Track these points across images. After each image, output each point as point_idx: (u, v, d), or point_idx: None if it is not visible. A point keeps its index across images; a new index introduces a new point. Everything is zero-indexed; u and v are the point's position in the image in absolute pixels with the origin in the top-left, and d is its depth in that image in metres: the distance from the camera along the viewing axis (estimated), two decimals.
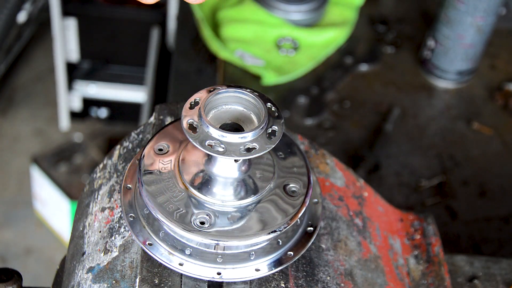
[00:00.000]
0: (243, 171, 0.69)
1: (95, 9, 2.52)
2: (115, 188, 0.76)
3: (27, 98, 2.98)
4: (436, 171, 1.28)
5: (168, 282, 0.67)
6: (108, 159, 0.81)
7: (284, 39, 1.50)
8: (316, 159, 0.83)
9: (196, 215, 0.67)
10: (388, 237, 0.83)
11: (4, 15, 2.49)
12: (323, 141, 1.32)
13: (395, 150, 1.31)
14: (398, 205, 0.98)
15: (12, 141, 2.83)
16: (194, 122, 0.66)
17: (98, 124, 2.86)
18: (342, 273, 0.73)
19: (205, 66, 1.42)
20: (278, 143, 0.66)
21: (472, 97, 1.45)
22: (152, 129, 0.81)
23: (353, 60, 1.51)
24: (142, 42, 2.48)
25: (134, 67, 2.65)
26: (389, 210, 0.88)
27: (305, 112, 1.37)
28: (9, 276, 0.78)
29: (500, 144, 1.35)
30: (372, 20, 1.61)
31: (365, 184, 0.86)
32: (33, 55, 3.11)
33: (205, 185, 0.69)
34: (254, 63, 1.44)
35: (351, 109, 1.40)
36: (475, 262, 0.88)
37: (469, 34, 1.37)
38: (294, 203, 0.70)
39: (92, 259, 0.71)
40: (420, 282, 0.81)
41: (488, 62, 1.53)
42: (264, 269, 0.69)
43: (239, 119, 0.69)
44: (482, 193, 1.25)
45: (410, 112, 1.40)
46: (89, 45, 2.61)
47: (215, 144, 0.64)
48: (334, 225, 0.77)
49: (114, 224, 0.73)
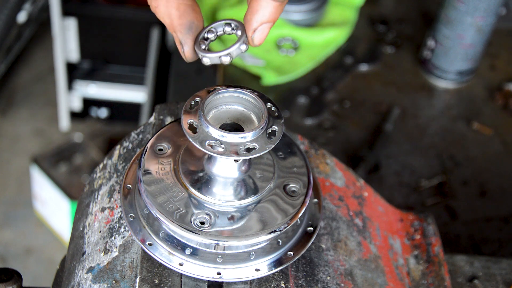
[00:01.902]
0: (243, 171, 0.69)
1: (95, 9, 2.52)
2: (115, 188, 0.76)
3: (27, 98, 2.98)
4: (436, 171, 1.28)
5: (168, 282, 0.67)
6: (108, 159, 0.81)
7: (284, 39, 1.50)
8: (316, 159, 0.83)
9: (196, 215, 0.67)
10: (388, 237, 0.83)
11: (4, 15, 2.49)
12: (323, 141, 1.32)
13: (395, 150, 1.31)
14: (398, 205, 0.98)
15: (12, 141, 2.83)
16: (194, 122, 0.66)
17: (98, 124, 2.86)
18: (342, 273, 0.73)
19: (205, 66, 1.42)
20: (278, 143, 0.66)
21: (472, 97, 1.45)
22: (152, 129, 0.81)
23: (353, 60, 1.51)
24: (142, 42, 2.48)
25: (134, 67, 2.65)
26: (389, 210, 0.88)
27: (305, 112, 1.37)
28: (9, 276, 0.78)
29: (500, 144, 1.35)
30: (372, 20, 1.61)
31: (365, 184, 0.86)
32: (33, 55, 3.11)
33: (205, 185, 0.69)
34: (254, 63, 1.44)
35: (351, 109, 1.40)
36: (475, 262, 0.88)
37: (469, 34, 1.37)
38: (294, 203, 0.70)
39: (92, 259, 0.71)
40: (420, 282, 0.81)
41: (488, 62, 1.53)
42: (264, 269, 0.68)
43: (239, 119, 0.69)
44: (482, 193, 1.25)
45: (410, 112, 1.40)
46: (89, 45, 2.61)
47: (215, 144, 0.64)
48: (334, 225, 0.77)
49: (114, 224, 0.73)
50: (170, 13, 0.66)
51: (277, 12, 0.64)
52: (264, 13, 0.63)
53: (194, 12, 0.67)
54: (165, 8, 0.66)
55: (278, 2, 0.63)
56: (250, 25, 0.64)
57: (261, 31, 0.65)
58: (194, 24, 0.67)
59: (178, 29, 0.67)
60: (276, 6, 0.63)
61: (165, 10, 0.66)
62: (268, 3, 0.63)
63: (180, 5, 0.66)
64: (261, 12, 0.63)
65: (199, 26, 0.68)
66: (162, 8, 0.66)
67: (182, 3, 0.66)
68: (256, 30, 0.64)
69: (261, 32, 0.64)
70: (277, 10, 0.64)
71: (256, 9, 0.64)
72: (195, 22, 0.67)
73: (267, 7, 0.63)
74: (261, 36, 0.65)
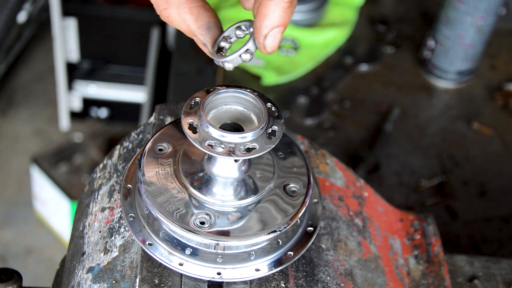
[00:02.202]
0: (243, 171, 0.69)
1: (95, 9, 2.53)
2: (115, 188, 0.76)
3: (27, 98, 2.98)
4: (436, 171, 1.28)
5: (168, 282, 0.67)
6: (108, 159, 0.81)
7: (284, 39, 1.50)
8: (316, 159, 0.83)
9: (196, 215, 0.67)
10: (388, 237, 0.83)
11: (4, 15, 2.50)
12: (323, 141, 1.32)
13: (395, 150, 1.31)
14: (398, 205, 0.98)
15: (12, 141, 2.83)
16: (194, 122, 0.66)
17: (98, 124, 2.86)
18: (342, 273, 0.73)
19: (205, 66, 1.42)
20: (278, 143, 0.66)
21: (472, 97, 1.45)
22: (152, 129, 0.81)
23: (353, 60, 1.51)
24: (142, 42, 2.48)
25: (134, 67, 2.65)
26: (389, 210, 0.88)
27: (305, 112, 1.37)
28: (9, 276, 0.78)
29: (500, 144, 1.35)
30: (372, 20, 1.61)
31: (365, 184, 0.86)
32: (33, 55, 3.12)
33: (205, 185, 0.69)
34: (254, 63, 1.44)
35: (351, 109, 1.40)
36: (475, 262, 0.88)
37: (469, 34, 1.37)
38: (294, 203, 0.70)
39: (92, 259, 0.71)
40: (420, 282, 0.81)
41: (488, 62, 1.53)
42: (264, 269, 0.68)
43: (239, 119, 0.69)
44: (482, 193, 1.25)
45: (410, 112, 1.40)
46: (89, 45, 2.61)
47: (215, 144, 0.64)
48: (334, 225, 0.77)
49: (114, 224, 0.73)
50: (184, 19, 0.64)
51: (287, 15, 0.61)
52: (273, 17, 0.60)
53: (208, 12, 0.65)
54: (178, 15, 0.64)
55: (287, 4, 0.60)
56: (261, 31, 0.61)
57: (273, 37, 0.61)
58: (211, 23, 0.66)
59: (198, 32, 0.65)
60: (285, 8, 0.60)
61: (178, 17, 0.64)
62: (276, 6, 0.60)
63: (193, 8, 0.64)
64: (270, 16, 0.60)
65: (217, 24, 0.66)
66: (175, 16, 0.64)
67: (195, 6, 0.64)
68: (268, 36, 0.61)
69: (273, 37, 0.61)
70: (287, 12, 0.61)
71: (264, 14, 0.60)
72: (211, 21, 0.66)
73: (276, 10, 0.60)
74: (274, 42, 0.62)
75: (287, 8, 0.60)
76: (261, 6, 0.60)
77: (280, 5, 0.60)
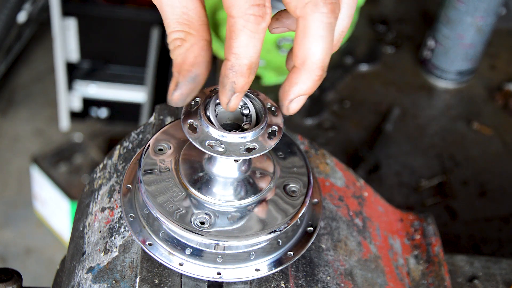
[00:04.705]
0: (243, 171, 0.69)
1: (95, 9, 2.53)
2: (115, 188, 0.76)
3: (27, 98, 2.98)
4: (436, 171, 1.28)
5: (168, 282, 0.67)
6: (108, 159, 0.81)
7: (284, 39, 1.50)
8: (316, 159, 0.83)
9: (196, 215, 0.67)
10: (388, 237, 0.83)
11: (4, 15, 2.50)
12: (323, 141, 1.32)
13: (395, 150, 1.31)
14: (398, 205, 0.98)
15: (12, 141, 2.83)
16: (194, 122, 0.66)
17: (98, 124, 2.86)
18: (342, 273, 0.73)
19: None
20: (278, 143, 0.66)
21: (472, 97, 1.45)
22: (152, 129, 0.81)
23: (353, 60, 1.51)
24: (142, 42, 2.48)
25: (134, 67, 2.65)
26: (389, 210, 0.88)
27: (305, 112, 1.37)
28: (9, 276, 0.78)
29: (500, 144, 1.35)
30: (372, 20, 1.61)
31: (365, 184, 0.86)
32: (33, 55, 3.12)
33: (205, 185, 0.69)
34: None
35: (351, 109, 1.40)
36: (475, 262, 0.88)
37: (469, 34, 1.37)
38: (294, 203, 0.70)
39: (92, 259, 0.71)
40: (420, 282, 0.81)
41: (488, 62, 1.53)
42: (264, 269, 0.68)
43: (239, 119, 0.69)
44: (482, 193, 1.25)
45: (410, 112, 1.40)
46: (89, 45, 2.62)
47: (215, 144, 0.64)
48: (334, 225, 0.77)
49: (114, 224, 0.73)
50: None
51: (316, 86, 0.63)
52: (302, 87, 0.63)
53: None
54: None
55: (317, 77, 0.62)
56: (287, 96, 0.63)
57: (297, 102, 0.64)
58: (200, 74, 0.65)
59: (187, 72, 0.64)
60: (315, 82, 0.62)
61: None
62: (308, 79, 0.62)
63: None
64: (300, 85, 0.63)
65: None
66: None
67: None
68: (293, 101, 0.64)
69: (297, 103, 0.64)
70: (316, 85, 0.63)
71: (295, 82, 0.62)
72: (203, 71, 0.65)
73: (307, 82, 0.62)
74: (297, 107, 0.64)
75: (317, 81, 0.63)
76: (293, 73, 0.63)
77: (312, 78, 0.62)
